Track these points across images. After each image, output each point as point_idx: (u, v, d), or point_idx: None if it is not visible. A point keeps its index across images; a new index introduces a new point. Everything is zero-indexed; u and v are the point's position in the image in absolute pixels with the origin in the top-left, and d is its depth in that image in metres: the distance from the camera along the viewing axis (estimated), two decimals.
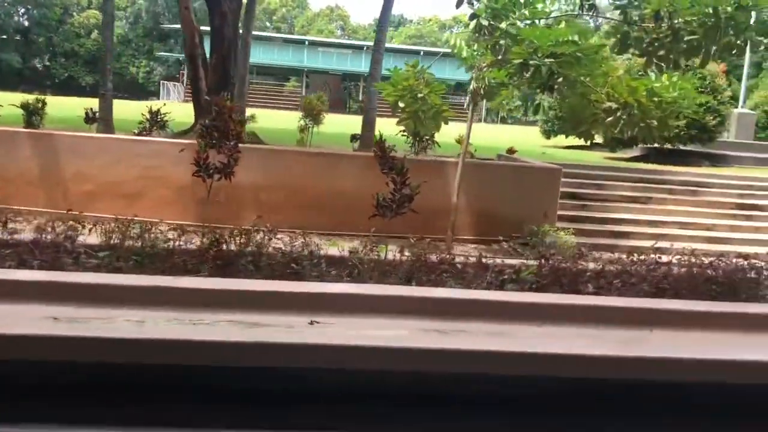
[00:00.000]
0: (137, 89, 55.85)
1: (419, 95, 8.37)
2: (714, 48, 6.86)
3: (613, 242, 10.77)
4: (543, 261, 4.97)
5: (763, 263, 5.30)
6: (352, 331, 4.14)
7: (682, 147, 17.09)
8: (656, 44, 6.96)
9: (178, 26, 57.45)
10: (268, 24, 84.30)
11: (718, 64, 16.60)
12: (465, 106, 9.36)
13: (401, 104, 8.52)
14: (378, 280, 4.60)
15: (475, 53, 8.05)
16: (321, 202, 9.94)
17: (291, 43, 52.95)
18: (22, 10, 64.28)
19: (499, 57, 7.45)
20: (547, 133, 21.24)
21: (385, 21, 12.31)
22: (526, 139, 23.36)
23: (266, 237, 5.04)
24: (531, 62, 6.89)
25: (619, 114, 7.88)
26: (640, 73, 9.23)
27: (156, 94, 49.11)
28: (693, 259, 5.28)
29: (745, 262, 5.20)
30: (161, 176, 9.59)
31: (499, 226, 10.11)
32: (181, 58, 52.50)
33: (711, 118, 15.80)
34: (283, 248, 4.91)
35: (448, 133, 11.93)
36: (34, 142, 9.39)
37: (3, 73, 58.52)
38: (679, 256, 5.59)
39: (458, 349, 2.92)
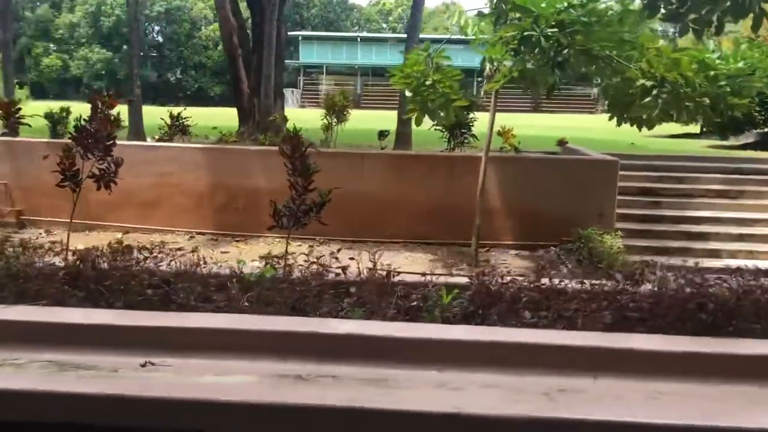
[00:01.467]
0: None
1: (427, 82, 7.40)
2: None
3: (686, 245, 9.24)
4: (476, 280, 3.91)
5: None
6: (188, 377, 3.34)
7: None
8: (689, 3, 5.61)
9: (298, 33, 58.02)
10: (384, 25, 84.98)
11: None
12: (482, 93, 8.25)
13: (408, 93, 7.58)
14: (252, 309, 3.76)
15: (483, 31, 6.97)
16: (343, 206, 9.16)
17: (402, 42, 52.63)
18: (156, 28, 68.54)
19: (507, 33, 6.34)
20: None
21: (418, 5, 11.28)
22: (624, 129, 21.38)
23: (150, 253, 4.30)
24: (528, 33, 5.76)
25: (655, 93, 6.53)
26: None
27: None
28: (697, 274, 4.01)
29: (759, 281, 3.87)
30: (176, 183, 9.22)
31: (547, 229, 8.95)
32: (296, 65, 53.83)
33: None
34: (155, 267, 4.16)
35: (531, 124, 10.79)
36: (54, 152, 9.28)
37: (141, 87, 62.65)
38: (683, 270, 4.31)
39: (312, 404, 2.35)
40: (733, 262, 8.86)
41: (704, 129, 17.14)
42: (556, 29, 5.82)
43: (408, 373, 3.31)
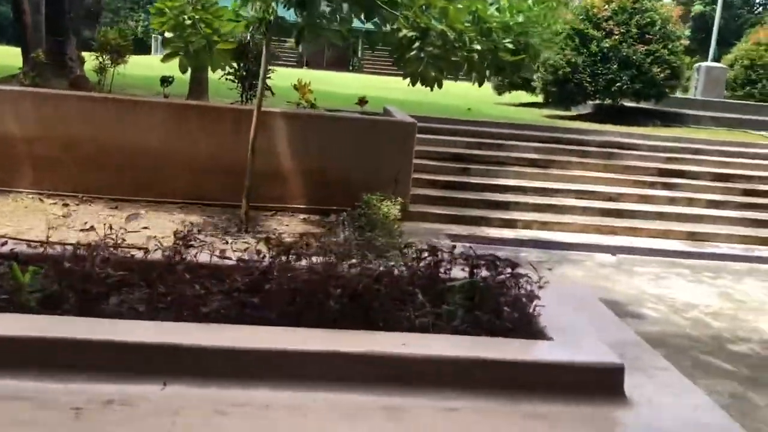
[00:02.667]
0: (138, 44, 53.86)
1: (186, 21, 6.48)
2: None
3: (484, 214, 8.88)
4: (46, 251, 3.11)
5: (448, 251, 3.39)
6: None
7: (630, 104, 15.00)
8: None
9: None
10: None
11: (671, 6, 14.33)
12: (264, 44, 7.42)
13: (168, 34, 6.65)
14: None
15: None
16: (114, 160, 8.17)
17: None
18: None
19: None
20: (499, 89, 19.15)
21: None
22: (478, 95, 21.25)
23: None
24: None
25: (419, 45, 5.94)
26: None
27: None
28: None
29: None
30: None
31: (342, 192, 8.24)
32: None
33: (658, 70, 13.58)
34: None
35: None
36: None
37: (2, 26, 57.23)
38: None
39: None
40: (526, 233, 8.60)
41: (549, 100, 17.08)
42: None
43: None
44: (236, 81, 8.91)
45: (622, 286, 6.67)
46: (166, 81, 9.02)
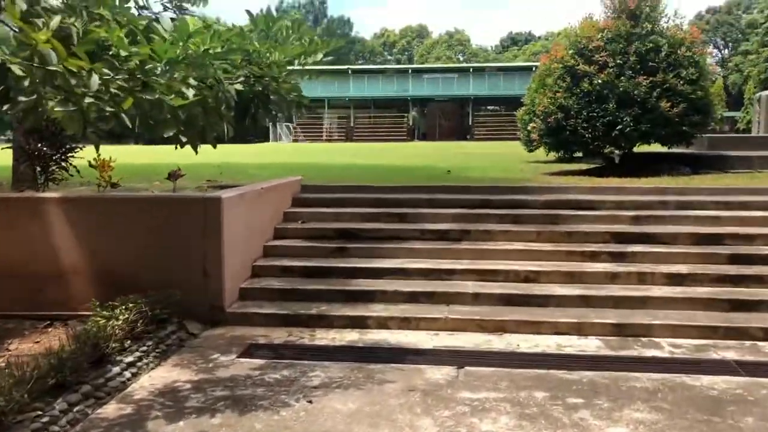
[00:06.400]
0: None
1: None
2: None
3: (329, 311, 6.65)
4: None
5: None
6: None
7: (659, 150, 12.10)
8: None
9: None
10: (389, 57, 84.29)
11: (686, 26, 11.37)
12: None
13: None
14: None
15: None
16: None
17: (401, 73, 49.79)
18: None
19: None
20: (527, 145, 16.64)
21: None
22: (508, 152, 18.93)
23: None
24: None
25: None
26: None
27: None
28: None
29: None
30: None
31: (139, 293, 6.39)
32: None
33: (668, 104, 10.64)
34: None
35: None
36: None
37: None
38: None
39: None
40: (369, 337, 6.26)
41: (554, 153, 14.42)
42: None
43: None
44: (28, 162, 7.48)
45: None
46: None
